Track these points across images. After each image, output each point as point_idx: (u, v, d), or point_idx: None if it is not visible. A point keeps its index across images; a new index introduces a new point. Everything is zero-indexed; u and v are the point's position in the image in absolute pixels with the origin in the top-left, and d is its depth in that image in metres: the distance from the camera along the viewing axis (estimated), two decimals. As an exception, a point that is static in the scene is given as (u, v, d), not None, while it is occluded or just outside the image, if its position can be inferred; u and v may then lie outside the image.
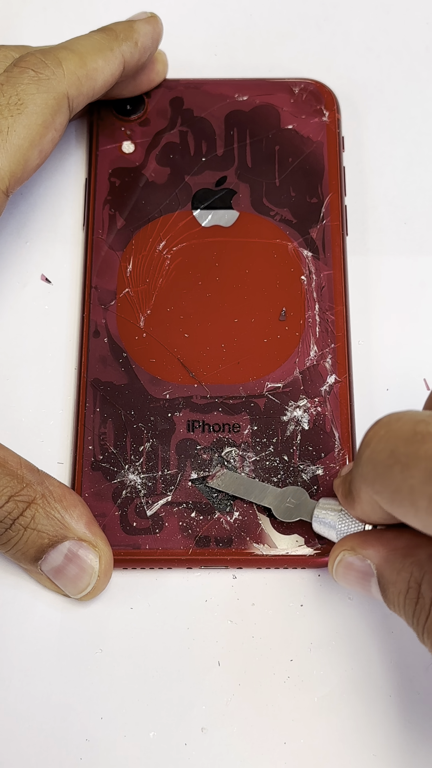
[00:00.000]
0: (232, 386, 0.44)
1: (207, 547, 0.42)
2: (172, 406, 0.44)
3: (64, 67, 0.43)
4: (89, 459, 0.43)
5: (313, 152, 0.48)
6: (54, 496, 0.40)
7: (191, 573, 0.42)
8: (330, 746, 0.40)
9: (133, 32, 0.45)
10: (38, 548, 0.40)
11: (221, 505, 0.42)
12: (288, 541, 0.42)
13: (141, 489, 0.42)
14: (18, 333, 0.46)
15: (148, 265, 0.46)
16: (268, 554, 0.41)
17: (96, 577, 0.41)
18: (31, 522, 0.40)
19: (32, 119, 0.42)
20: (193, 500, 0.42)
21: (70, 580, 0.41)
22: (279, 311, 0.45)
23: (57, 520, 0.40)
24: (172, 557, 0.41)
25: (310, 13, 0.53)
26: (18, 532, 0.40)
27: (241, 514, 0.42)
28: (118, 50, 0.45)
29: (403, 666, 0.41)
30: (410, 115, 0.51)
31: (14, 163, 0.42)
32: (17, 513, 0.39)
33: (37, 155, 0.43)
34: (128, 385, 0.44)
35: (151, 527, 0.42)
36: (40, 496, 0.40)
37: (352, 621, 0.42)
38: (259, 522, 0.42)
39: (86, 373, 0.44)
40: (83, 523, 0.41)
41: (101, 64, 0.44)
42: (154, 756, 0.40)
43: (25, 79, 0.42)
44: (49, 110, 0.43)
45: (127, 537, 0.42)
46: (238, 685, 0.41)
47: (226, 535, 0.42)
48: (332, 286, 0.46)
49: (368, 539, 0.38)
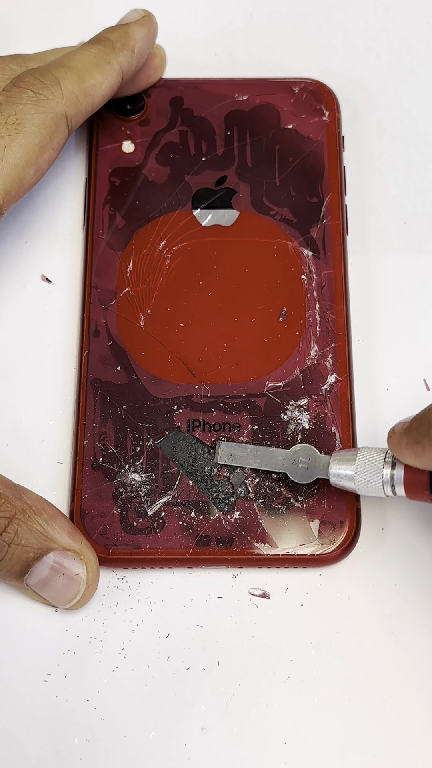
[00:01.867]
0: (232, 385, 0.44)
1: (208, 547, 0.42)
2: (173, 406, 0.44)
3: (62, 86, 0.43)
4: (89, 459, 0.43)
5: (314, 152, 0.48)
6: (34, 509, 0.40)
7: (192, 573, 0.42)
8: (330, 746, 0.40)
9: (130, 40, 0.45)
10: (23, 563, 0.40)
11: (222, 504, 0.42)
12: (289, 541, 0.42)
13: (141, 488, 0.42)
14: (18, 333, 0.46)
15: (148, 265, 0.46)
16: (269, 554, 0.41)
17: (84, 585, 0.41)
18: (15, 537, 0.39)
19: (29, 139, 0.42)
20: (193, 499, 0.42)
21: (58, 592, 0.40)
22: (279, 311, 0.45)
23: (40, 533, 0.40)
24: (172, 557, 0.41)
25: (310, 13, 0.53)
26: (2, 549, 0.39)
27: (242, 513, 0.42)
28: (115, 62, 0.45)
29: (403, 666, 0.41)
30: (410, 115, 0.51)
31: (9, 182, 0.42)
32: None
33: (32, 174, 0.43)
34: (128, 384, 0.44)
35: (152, 527, 0.42)
36: (20, 511, 0.40)
37: (352, 621, 0.42)
38: (260, 521, 0.42)
39: (86, 372, 0.44)
40: (66, 533, 0.40)
41: (100, 80, 0.44)
42: (154, 756, 0.40)
43: (23, 99, 0.43)
44: (46, 130, 0.43)
45: (128, 537, 0.42)
46: (238, 685, 0.41)
47: (226, 535, 0.42)
48: (332, 286, 0.45)
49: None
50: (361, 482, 0.40)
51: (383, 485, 0.39)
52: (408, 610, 0.42)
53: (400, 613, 0.42)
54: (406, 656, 0.41)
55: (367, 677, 0.41)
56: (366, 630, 0.41)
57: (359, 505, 0.42)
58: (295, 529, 0.42)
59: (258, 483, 0.42)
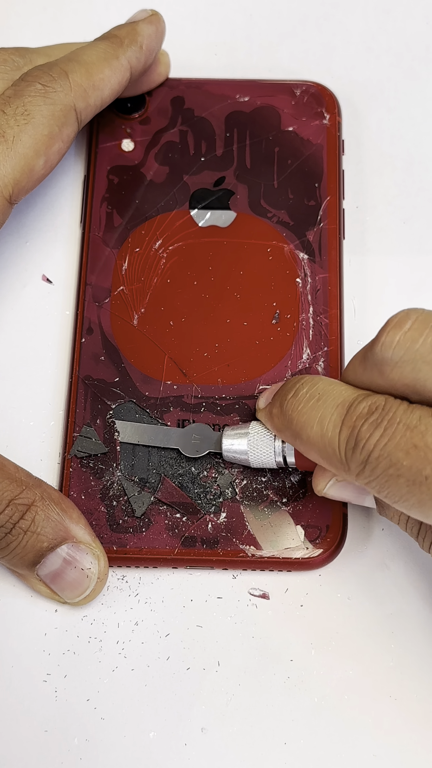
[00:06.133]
0: (223, 387, 0.44)
1: (193, 548, 0.42)
2: (163, 405, 0.44)
3: (70, 79, 0.43)
4: (78, 457, 0.43)
5: (313, 155, 0.48)
6: (52, 500, 0.40)
7: (192, 573, 0.42)
8: (330, 746, 0.40)
9: (137, 36, 0.46)
10: (37, 552, 0.40)
11: (208, 505, 0.42)
12: (275, 543, 0.42)
13: (129, 488, 0.42)
14: (18, 333, 0.46)
15: (143, 264, 0.46)
16: (254, 556, 0.41)
17: (95, 580, 0.41)
18: (31, 525, 0.40)
19: (38, 129, 0.42)
20: (180, 500, 0.42)
21: (69, 584, 0.41)
22: (273, 313, 0.45)
23: (57, 522, 0.40)
24: (157, 556, 0.41)
25: (310, 13, 0.53)
26: (18, 536, 0.39)
27: (228, 515, 0.42)
28: (123, 57, 0.45)
29: (403, 666, 0.41)
30: (410, 115, 0.51)
31: (18, 171, 0.42)
32: (17, 517, 0.39)
33: (42, 165, 0.43)
34: (119, 382, 0.44)
35: (138, 526, 0.42)
36: (39, 499, 0.40)
37: (352, 621, 0.42)
38: (246, 523, 0.42)
39: (78, 369, 0.44)
40: (82, 525, 0.41)
41: (108, 74, 0.44)
42: (154, 756, 0.40)
43: (32, 92, 0.43)
44: (55, 121, 0.43)
45: (113, 535, 0.42)
46: (238, 685, 0.41)
47: (212, 536, 0.42)
48: (327, 290, 0.45)
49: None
50: (254, 452, 0.41)
51: (275, 456, 0.41)
52: (408, 610, 0.42)
53: (400, 613, 0.42)
54: (406, 656, 0.41)
55: (367, 677, 0.41)
56: (366, 630, 0.41)
57: (346, 510, 0.42)
58: (280, 532, 0.42)
59: (245, 485, 0.42)
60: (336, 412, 0.36)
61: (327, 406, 0.37)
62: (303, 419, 0.37)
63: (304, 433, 0.37)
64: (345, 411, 0.36)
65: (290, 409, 0.38)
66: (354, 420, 0.35)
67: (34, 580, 0.41)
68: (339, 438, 0.36)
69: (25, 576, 0.41)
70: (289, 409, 0.38)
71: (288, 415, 0.38)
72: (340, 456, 0.36)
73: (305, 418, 0.37)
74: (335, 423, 0.36)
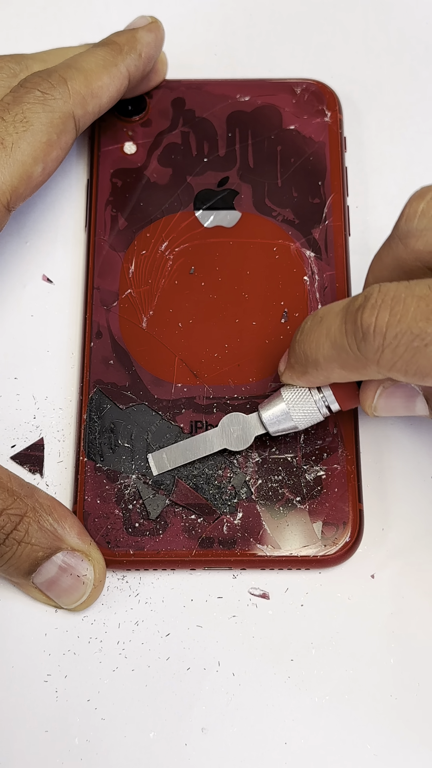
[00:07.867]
0: (234, 387, 0.44)
1: (210, 549, 0.42)
2: (175, 407, 0.44)
3: (69, 86, 0.43)
4: (92, 461, 0.43)
5: (315, 152, 0.48)
6: (44, 508, 0.40)
7: (192, 573, 0.42)
8: (330, 746, 0.40)
9: (137, 43, 0.46)
10: (32, 561, 0.40)
11: (224, 506, 0.42)
12: (292, 542, 0.42)
13: (144, 490, 0.42)
14: (19, 333, 0.46)
15: (150, 266, 0.46)
16: (271, 555, 0.41)
17: (91, 586, 0.41)
18: (25, 536, 0.40)
19: (37, 137, 0.43)
20: (196, 502, 0.42)
21: (65, 591, 0.41)
22: (281, 312, 0.45)
23: (50, 532, 0.40)
24: (175, 558, 0.41)
25: (310, 13, 0.53)
26: (11, 547, 0.39)
27: (245, 515, 0.42)
28: (122, 65, 0.45)
29: (404, 666, 0.41)
30: (410, 115, 0.51)
31: (16, 178, 0.42)
32: (10, 527, 0.39)
33: (40, 172, 0.43)
34: (131, 386, 0.44)
35: (155, 528, 0.42)
36: (31, 509, 0.40)
37: (352, 621, 0.42)
38: (263, 523, 0.42)
39: (89, 374, 0.44)
40: (75, 533, 0.41)
41: (107, 82, 0.44)
42: (154, 756, 0.40)
43: (31, 99, 0.43)
44: (54, 129, 0.43)
45: (130, 538, 0.42)
46: (238, 685, 0.41)
47: (229, 537, 0.42)
48: (335, 287, 0.46)
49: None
50: (297, 414, 0.41)
51: (319, 409, 0.41)
52: (408, 610, 0.42)
53: (400, 613, 0.42)
54: (406, 656, 0.41)
55: (367, 677, 0.41)
56: (366, 630, 0.42)
57: (362, 506, 0.42)
58: (298, 531, 0.42)
59: (260, 485, 0.42)
60: (338, 318, 0.37)
61: (329, 320, 0.38)
62: (314, 344, 0.38)
63: (320, 356, 0.38)
64: (345, 313, 0.37)
65: (302, 345, 0.39)
66: (354, 314, 0.36)
67: (29, 588, 0.41)
68: (347, 337, 0.36)
69: (21, 584, 0.41)
70: (301, 346, 0.39)
71: (303, 352, 0.39)
72: (355, 353, 0.36)
73: (315, 343, 0.38)
74: (339, 328, 0.37)
